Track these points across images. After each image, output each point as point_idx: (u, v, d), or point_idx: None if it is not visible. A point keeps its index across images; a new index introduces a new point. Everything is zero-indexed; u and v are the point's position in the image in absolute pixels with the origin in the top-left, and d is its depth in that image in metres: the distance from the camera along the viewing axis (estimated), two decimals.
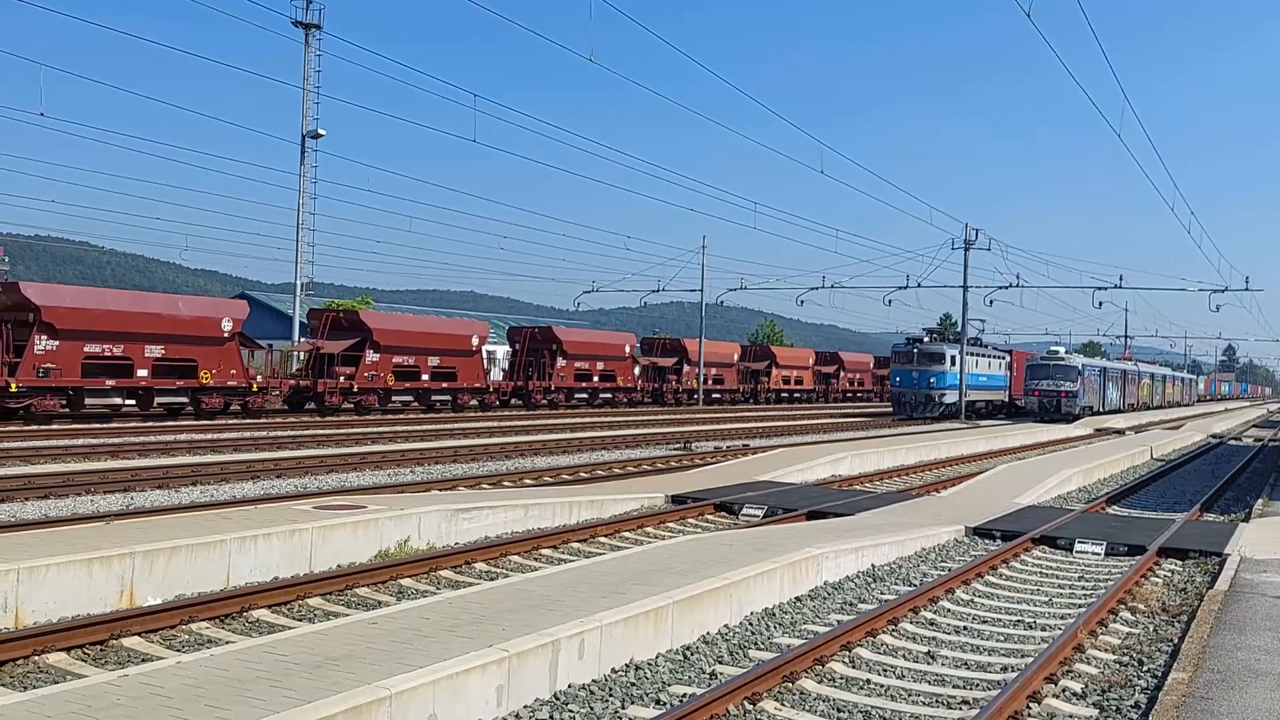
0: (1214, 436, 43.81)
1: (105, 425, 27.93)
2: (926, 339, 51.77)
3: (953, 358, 50.33)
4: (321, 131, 46.17)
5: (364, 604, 9.35)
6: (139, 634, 7.97)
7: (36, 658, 7.29)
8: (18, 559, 8.42)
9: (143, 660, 7.34)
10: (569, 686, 6.93)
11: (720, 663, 7.86)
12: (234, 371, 33.07)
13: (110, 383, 29.89)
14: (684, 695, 6.97)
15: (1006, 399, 58.53)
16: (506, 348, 54.33)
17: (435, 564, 10.84)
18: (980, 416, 53.41)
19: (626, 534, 13.56)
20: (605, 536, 13.24)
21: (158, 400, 31.30)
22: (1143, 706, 7.00)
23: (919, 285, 52.31)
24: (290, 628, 8.25)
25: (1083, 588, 11.29)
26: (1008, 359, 59.56)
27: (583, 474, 20.41)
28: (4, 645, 7.23)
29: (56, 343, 28.25)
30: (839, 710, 6.88)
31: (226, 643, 7.70)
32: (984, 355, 55.94)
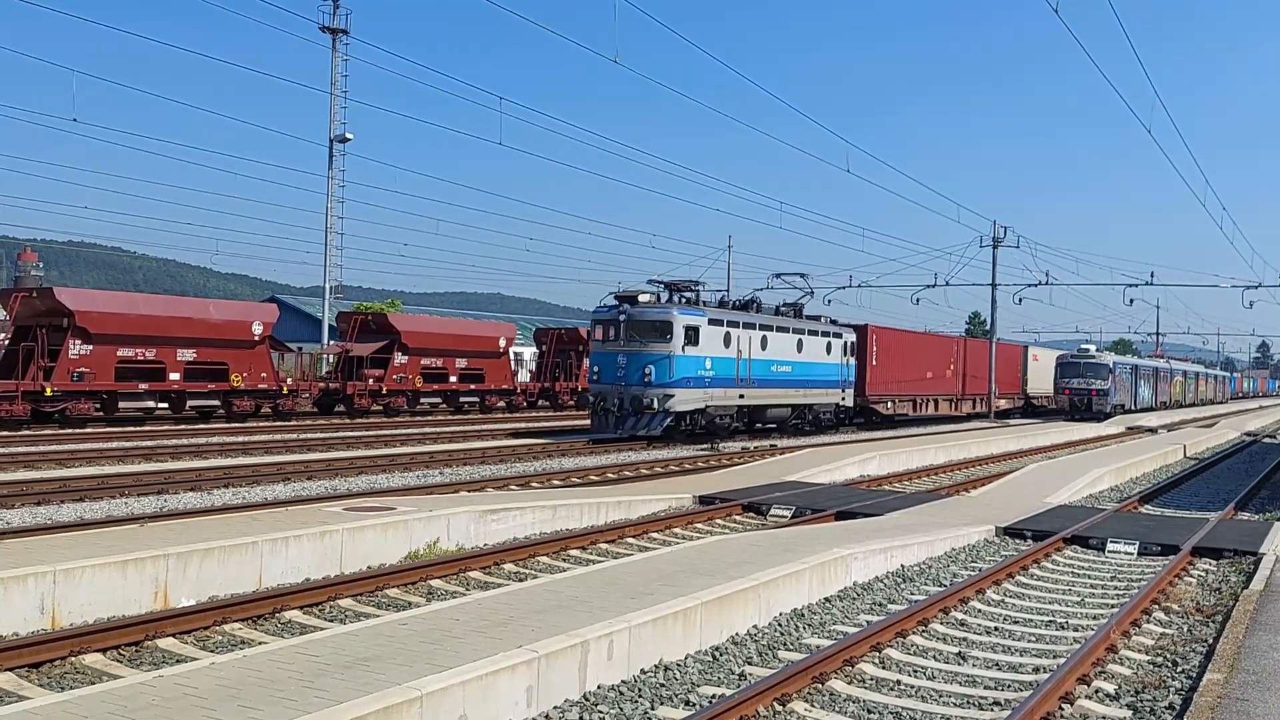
0: (1248, 434, 43.27)
1: (139, 428, 28.24)
2: (646, 296, 28.92)
3: (692, 331, 27.99)
4: (349, 135, 46.48)
5: (394, 605, 9.41)
6: (173, 635, 8.06)
7: (73, 659, 7.39)
8: (54, 561, 8.54)
9: (177, 661, 7.42)
10: (598, 687, 6.95)
11: (749, 664, 7.86)
12: (264, 375, 33.33)
13: (143, 386, 30.21)
14: (713, 696, 6.97)
15: (848, 401, 36.66)
16: (533, 349, 54.44)
17: (464, 565, 10.89)
18: (797, 432, 33.75)
19: (654, 535, 13.57)
20: (633, 537, 13.26)
21: (190, 403, 31.60)
22: (1177, 708, 6.93)
23: (947, 284, 51.87)
24: (322, 629, 8.32)
25: (1115, 588, 11.19)
26: (848, 338, 36.60)
27: (610, 475, 20.42)
28: (42, 646, 7.33)
29: (90, 347, 28.57)
30: (869, 711, 6.85)
31: (259, 644, 7.77)
32: (794, 330, 33.20)
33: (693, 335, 28.12)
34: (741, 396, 30.29)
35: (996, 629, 9.19)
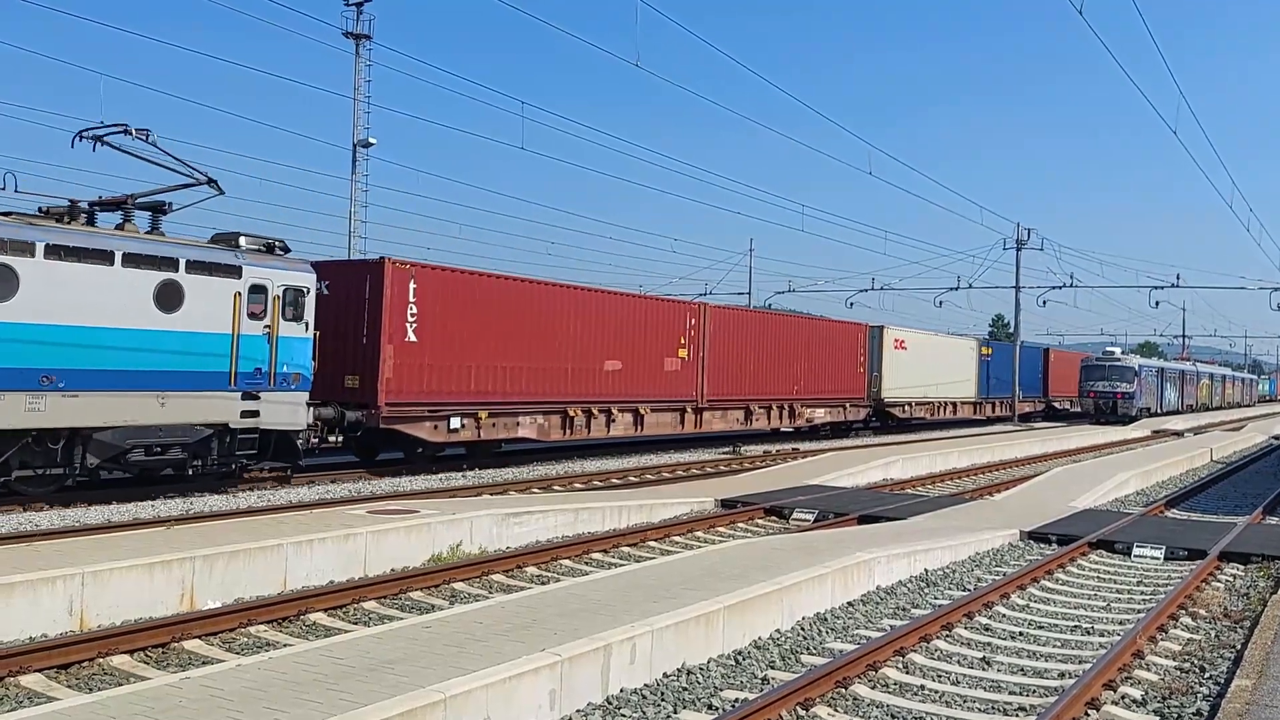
0: (1276, 438, 42.80)
1: None
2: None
3: None
4: (372, 140, 46.66)
5: (418, 607, 9.45)
6: (199, 636, 8.13)
7: (101, 660, 7.47)
8: (82, 563, 8.63)
9: (204, 663, 7.49)
10: (621, 691, 6.95)
11: (772, 667, 7.84)
12: None
13: None
14: (736, 700, 6.96)
15: (292, 416, 16.76)
16: None
17: (487, 568, 10.93)
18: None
19: (676, 538, 13.56)
20: (655, 541, 13.26)
21: None
22: (1205, 714, 6.87)
23: (970, 286, 51.62)
24: (346, 631, 8.36)
25: (1141, 593, 11.10)
26: (275, 282, 16.45)
27: (631, 478, 20.43)
28: (70, 647, 7.42)
29: None
30: (892, 716, 6.83)
31: (284, 645, 7.83)
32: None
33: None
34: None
35: (1021, 634, 9.13)
